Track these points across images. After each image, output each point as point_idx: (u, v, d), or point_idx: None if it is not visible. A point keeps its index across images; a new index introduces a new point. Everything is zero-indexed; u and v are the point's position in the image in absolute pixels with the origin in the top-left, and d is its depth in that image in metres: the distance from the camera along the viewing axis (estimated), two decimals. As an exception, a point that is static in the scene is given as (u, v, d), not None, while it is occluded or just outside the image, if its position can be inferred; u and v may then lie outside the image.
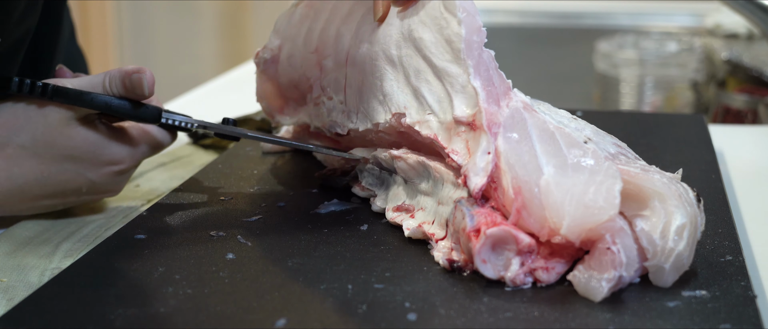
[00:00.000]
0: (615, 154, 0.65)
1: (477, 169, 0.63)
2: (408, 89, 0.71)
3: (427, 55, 0.70)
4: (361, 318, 0.56)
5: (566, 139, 0.63)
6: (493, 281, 0.60)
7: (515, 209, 0.60)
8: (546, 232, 0.59)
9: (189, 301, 0.58)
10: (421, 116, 0.70)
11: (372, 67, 0.74)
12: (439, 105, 0.69)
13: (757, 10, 1.22)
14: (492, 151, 0.63)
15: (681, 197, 0.60)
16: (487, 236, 0.59)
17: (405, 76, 0.72)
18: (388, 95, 0.73)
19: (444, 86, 0.69)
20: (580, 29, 1.90)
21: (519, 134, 0.64)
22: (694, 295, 0.57)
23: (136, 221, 0.71)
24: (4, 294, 0.65)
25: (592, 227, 0.58)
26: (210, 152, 0.97)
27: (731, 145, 0.99)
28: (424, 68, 0.70)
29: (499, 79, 0.67)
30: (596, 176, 0.60)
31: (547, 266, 0.59)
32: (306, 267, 0.63)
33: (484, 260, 0.59)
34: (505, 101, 0.66)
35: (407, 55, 0.72)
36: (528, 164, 0.61)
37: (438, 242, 0.64)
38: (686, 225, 0.58)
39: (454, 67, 0.68)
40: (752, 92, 1.52)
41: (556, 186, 0.60)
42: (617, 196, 0.58)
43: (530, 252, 0.59)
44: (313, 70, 0.82)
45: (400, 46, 0.72)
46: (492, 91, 0.66)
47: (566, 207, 0.58)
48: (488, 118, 0.64)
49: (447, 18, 0.69)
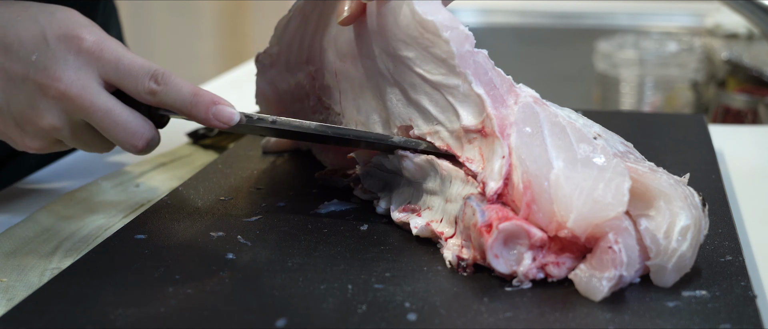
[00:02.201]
0: (624, 152, 0.65)
1: (493, 174, 0.63)
2: (408, 102, 0.70)
3: (419, 72, 0.68)
4: (361, 318, 0.55)
5: (576, 134, 0.63)
6: (493, 281, 0.60)
7: (525, 203, 0.60)
8: (554, 226, 0.59)
9: (189, 301, 0.58)
10: (430, 126, 0.69)
11: (363, 82, 0.73)
12: (445, 115, 0.68)
13: (757, 10, 1.22)
14: (506, 154, 0.63)
15: (687, 199, 0.60)
16: (500, 230, 0.59)
17: (401, 90, 0.70)
18: (389, 109, 0.71)
19: (445, 96, 0.67)
20: (580, 29, 1.90)
21: (532, 128, 0.63)
22: (694, 295, 0.58)
23: (136, 221, 0.71)
24: (4, 294, 0.65)
25: (598, 223, 0.58)
26: (210, 152, 0.97)
27: (731, 145, 0.99)
28: (419, 82, 0.68)
29: (499, 79, 0.66)
30: (606, 173, 0.60)
31: (557, 261, 0.59)
32: (306, 267, 0.63)
33: (497, 255, 0.59)
34: (513, 98, 0.66)
35: (398, 71, 0.70)
36: (539, 158, 0.61)
37: (447, 240, 0.64)
38: (690, 227, 0.59)
39: (452, 79, 0.66)
40: (752, 92, 1.52)
41: (566, 180, 0.60)
42: (626, 194, 0.58)
43: (542, 247, 0.59)
44: (307, 79, 0.82)
45: (386, 61, 0.70)
46: (495, 94, 0.66)
47: (575, 201, 0.58)
48: (499, 122, 0.64)
49: (430, 38, 0.66)
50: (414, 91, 0.69)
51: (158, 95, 0.69)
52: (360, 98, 0.75)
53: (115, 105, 0.69)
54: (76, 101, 0.68)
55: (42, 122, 0.69)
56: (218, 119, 0.69)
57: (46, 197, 0.85)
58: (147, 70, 0.69)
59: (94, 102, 0.68)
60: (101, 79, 0.69)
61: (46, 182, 0.91)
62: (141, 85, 0.69)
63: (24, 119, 0.69)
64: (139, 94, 0.69)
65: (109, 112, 0.68)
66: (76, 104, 0.68)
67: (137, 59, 0.69)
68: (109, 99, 0.69)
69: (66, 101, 0.68)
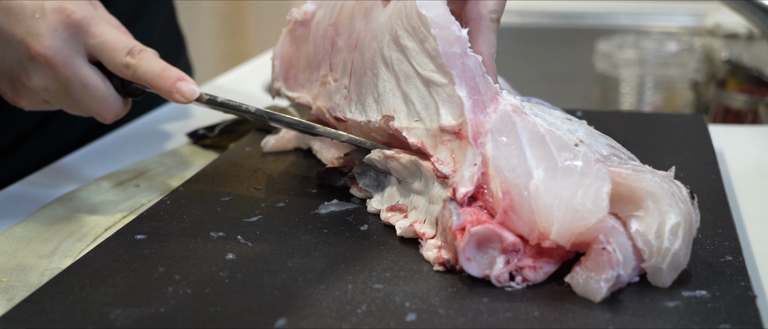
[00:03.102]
0: (607, 155, 0.65)
1: (464, 180, 0.63)
2: (399, 92, 0.71)
3: (413, 64, 0.69)
4: (361, 318, 0.56)
5: (557, 142, 0.63)
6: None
7: (502, 208, 0.60)
8: (536, 236, 0.59)
9: (189, 301, 0.58)
10: (409, 122, 0.70)
11: (371, 61, 0.74)
12: (426, 112, 0.68)
13: (757, 10, 1.21)
14: (478, 162, 0.63)
15: (674, 195, 0.60)
16: (472, 234, 0.59)
17: (396, 79, 0.71)
18: (381, 95, 0.72)
19: (430, 93, 0.68)
20: (580, 29, 1.90)
21: (508, 138, 0.64)
22: (694, 295, 0.57)
23: (136, 221, 0.71)
24: (4, 294, 0.65)
25: (581, 231, 0.57)
26: (210, 152, 0.97)
27: (731, 145, 0.98)
28: (412, 74, 0.69)
29: (485, 87, 0.66)
30: (585, 179, 0.60)
31: (535, 265, 0.59)
32: (306, 267, 0.63)
33: (469, 258, 0.59)
34: (493, 107, 0.66)
35: (397, 60, 0.71)
36: (517, 167, 0.61)
37: (427, 240, 0.64)
38: (681, 224, 0.58)
39: (439, 76, 0.67)
40: (752, 92, 1.52)
41: (546, 190, 0.60)
42: (605, 198, 0.58)
43: (516, 251, 0.59)
44: (327, 44, 0.81)
45: (390, 48, 0.71)
46: (478, 99, 0.66)
47: (555, 212, 0.58)
48: (474, 128, 0.64)
49: (424, 33, 0.67)
50: (406, 82, 0.70)
51: (132, 68, 0.77)
52: (364, 78, 0.75)
53: (94, 80, 0.77)
54: (59, 70, 0.76)
55: (30, 82, 0.77)
56: (180, 94, 0.76)
57: (46, 197, 0.85)
58: (124, 46, 0.77)
59: (75, 74, 0.77)
60: (85, 51, 0.77)
61: (46, 182, 0.91)
62: (118, 59, 0.77)
63: (15, 77, 0.78)
64: (116, 67, 0.77)
65: (86, 86, 0.77)
66: (58, 72, 0.76)
67: (119, 36, 0.77)
68: (89, 73, 0.77)
69: (50, 66, 0.76)
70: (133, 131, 1.07)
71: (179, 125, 1.07)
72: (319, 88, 0.83)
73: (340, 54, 0.79)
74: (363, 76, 0.75)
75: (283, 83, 0.88)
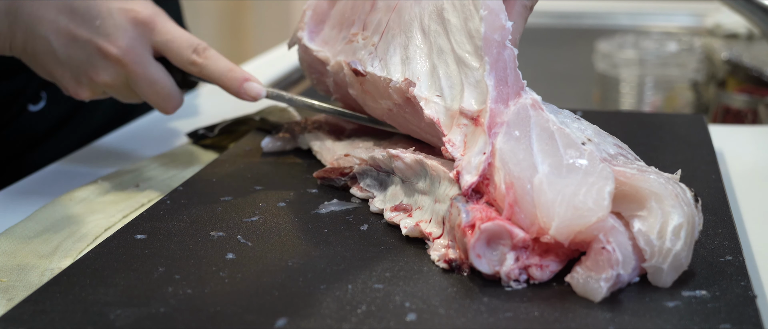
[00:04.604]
0: (614, 155, 0.65)
1: (470, 167, 0.63)
2: (428, 63, 0.71)
3: (451, 39, 0.70)
4: (361, 318, 0.56)
5: (565, 139, 0.63)
6: (492, 281, 0.60)
7: (508, 204, 0.60)
8: (535, 230, 0.59)
9: (189, 301, 0.58)
10: (430, 94, 0.70)
11: (408, 24, 0.74)
12: (450, 91, 0.69)
13: (757, 10, 1.21)
14: (488, 152, 0.63)
15: (678, 197, 0.60)
16: (482, 230, 0.59)
17: (429, 49, 0.71)
18: (410, 59, 0.72)
19: (460, 73, 0.68)
20: (580, 29, 1.90)
21: (520, 132, 0.64)
22: (694, 295, 0.57)
23: (136, 221, 0.71)
24: (4, 294, 0.65)
25: (581, 230, 0.57)
26: (210, 152, 0.97)
27: (731, 145, 0.99)
28: (447, 50, 0.70)
29: (514, 79, 0.67)
30: (589, 178, 0.60)
31: (541, 264, 0.59)
32: (306, 267, 0.63)
33: (479, 255, 0.59)
34: (514, 101, 0.66)
35: (435, 31, 0.71)
36: (522, 161, 0.62)
37: (434, 240, 0.64)
38: (683, 225, 0.58)
39: (473, 59, 0.68)
40: (752, 92, 1.52)
41: (549, 186, 0.60)
42: (607, 198, 0.58)
43: (525, 248, 0.59)
44: (367, 3, 0.81)
45: (431, 18, 0.72)
46: (503, 91, 0.66)
47: (556, 208, 0.58)
48: (491, 118, 0.64)
49: (471, 11, 0.68)
50: (438, 55, 0.70)
51: (199, 66, 0.83)
52: (396, 39, 0.75)
53: (161, 77, 0.82)
54: (128, 67, 0.81)
55: (98, 78, 0.82)
56: (248, 94, 0.83)
57: (46, 196, 0.85)
58: (190, 43, 0.82)
59: (145, 71, 0.81)
60: (151, 48, 0.82)
61: (46, 182, 0.91)
62: (185, 56, 0.82)
63: (81, 73, 0.82)
64: (182, 64, 0.83)
65: (154, 83, 0.82)
66: (128, 70, 0.81)
67: (184, 34, 0.83)
68: (157, 70, 0.82)
69: (120, 65, 0.81)
70: (133, 131, 1.07)
71: (179, 125, 1.07)
72: (343, 45, 0.82)
73: (377, 13, 0.79)
74: (395, 37, 0.75)
75: (308, 34, 0.87)
